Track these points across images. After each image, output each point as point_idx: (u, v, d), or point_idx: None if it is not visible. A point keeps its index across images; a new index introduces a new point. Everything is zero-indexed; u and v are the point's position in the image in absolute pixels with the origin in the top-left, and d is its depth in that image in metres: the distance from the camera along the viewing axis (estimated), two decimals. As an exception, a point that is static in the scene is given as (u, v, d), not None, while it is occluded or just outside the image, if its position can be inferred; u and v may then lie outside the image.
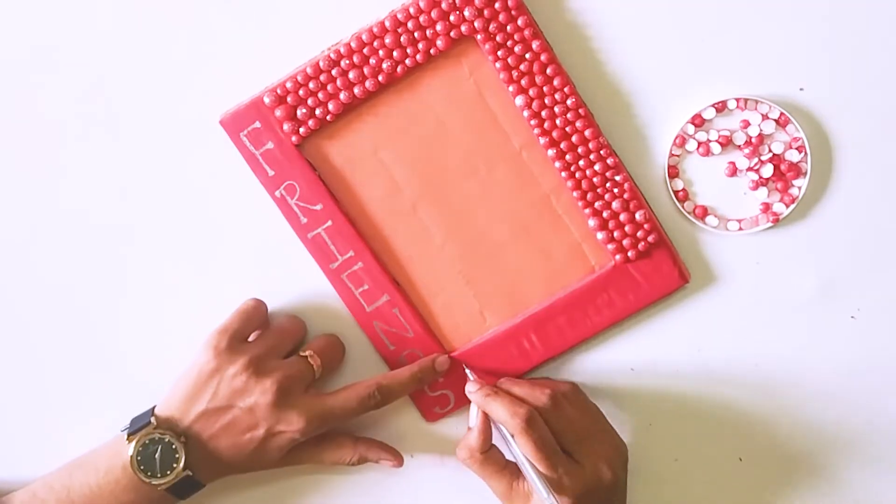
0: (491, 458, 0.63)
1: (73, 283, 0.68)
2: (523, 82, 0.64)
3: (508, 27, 0.63)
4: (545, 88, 0.64)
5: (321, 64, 0.63)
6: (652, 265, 0.66)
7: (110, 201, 0.67)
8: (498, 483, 0.63)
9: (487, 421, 0.63)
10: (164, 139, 0.66)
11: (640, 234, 0.65)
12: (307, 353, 0.65)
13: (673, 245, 0.66)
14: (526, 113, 0.64)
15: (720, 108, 0.65)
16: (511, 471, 0.63)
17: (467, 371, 0.66)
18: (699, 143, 0.65)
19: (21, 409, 0.70)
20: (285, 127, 0.64)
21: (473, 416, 0.64)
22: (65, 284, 0.68)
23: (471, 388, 0.64)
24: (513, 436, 0.61)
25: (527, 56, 0.63)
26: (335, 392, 0.64)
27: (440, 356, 0.67)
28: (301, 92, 0.64)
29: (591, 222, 0.65)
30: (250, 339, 0.66)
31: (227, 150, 0.65)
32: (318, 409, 0.63)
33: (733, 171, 0.66)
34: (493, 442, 0.64)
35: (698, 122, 0.65)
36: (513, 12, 0.62)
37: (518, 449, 0.61)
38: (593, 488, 0.61)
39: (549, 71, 0.63)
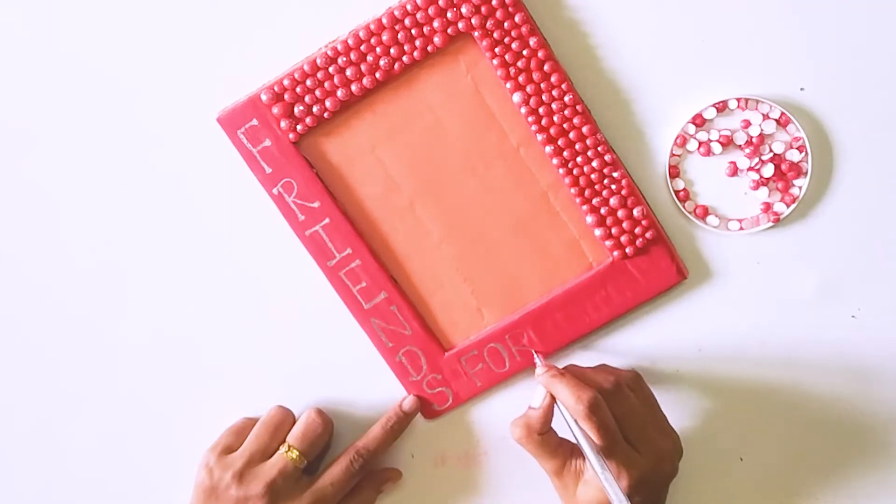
0: (547, 438, 0.62)
1: (68, 280, 0.68)
2: (520, 79, 0.64)
3: (506, 24, 0.63)
4: (542, 85, 0.64)
5: (318, 61, 0.63)
6: (649, 261, 0.66)
7: (106, 199, 0.67)
8: (551, 462, 0.62)
9: (553, 404, 0.62)
10: (161, 136, 0.66)
11: (637, 230, 0.65)
12: (285, 447, 0.66)
13: (671, 241, 0.66)
14: (523, 110, 0.64)
15: (721, 107, 0.65)
16: (564, 450, 0.62)
17: (536, 357, 0.66)
18: (700, 143, 0.65)
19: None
20: (282, 124, 0.64)
21: (539, 398, 0.63)
22: (60, 283, 0.68)
23: (539, 371, 0.63)
24: (576, 419, 0.60)
25: (524, 53, 0.63)
26: (322, 473, 0.66)
27: (405, 398, 0.68)
28: (298, 89, 0.64)
29: (589, 219, 0.65)
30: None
31: (225, 148, 0.65)
32: (310, 497, 0.65)
33: (734, 170, 0.66)
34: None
35: (699, 121, 0.65)
36: (510, 9, 0.62)
37: (579, 431, 0.60)
38: (649, 478, 0.61)
39: (546, 67, 0.63)
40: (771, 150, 0.65)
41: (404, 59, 0.63)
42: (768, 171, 0.65)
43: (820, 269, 0.67)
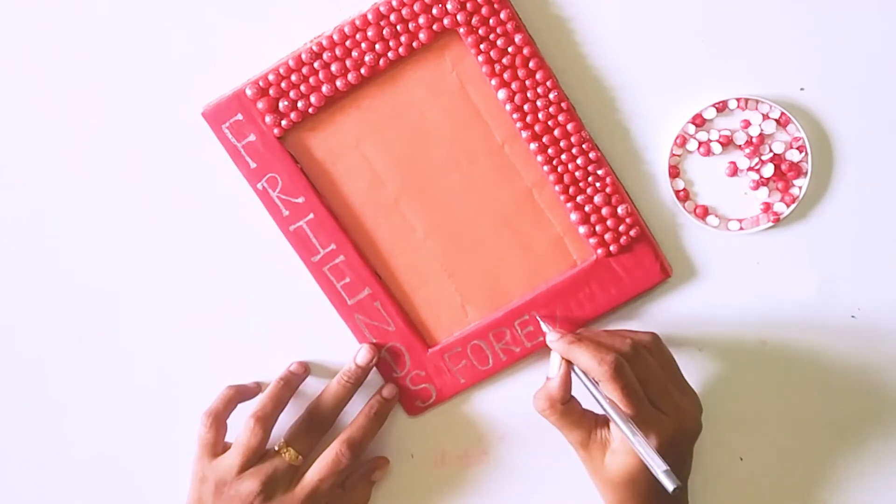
0: (570, 408, 0.61)
1: (55, 275, 0.68)
2: (506, 76, 0.64)
3: (491, 20, 0.63)
4: (527, 82, 0.64)
5: (304, 56, 0.63)
6: (634, 259, 0.66)
7: (90, 194, 0.67)
8: (576, 433, 0.62)
9: (570, 371, 0.61)
10: (145, 131, 0.66)
11: (621, 228, 0.65)
12: (280, 445, 0.65)
13: (655, 239, 0.66)
14: (508, 106, 0.64)
15: (721, 107, 0.65)
16: (588, 420, 0.62)
17: (542, 323, 0.66)
18: (700, 143, 0.65)
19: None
20: (267, 119, 0.64)
21: (554, 367, 0.62)
22: (46, 278, 0.68)
23: (552, 338, 0.63)
24: (598, 383, 0.60)
25: (509, 50, 0.63)
26: (310, 470, 0.65)
27: (385, 386, 0.68)
28: (283, 84, 0.64)
29: (573, 216, 0.65)
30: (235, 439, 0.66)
31: (209, 143, 0.65)
32: (302, 494, 0.64)
33: (734, 170, 0.66)
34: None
35: (699, 121, 0.65)
36: (495, 6, 0.63)
37: (603, 395, 0.59)
38: (676, 437, 0.60)
39: (531, 65, 0.63)
40: (771, 150, 0.65)
41: (389, 55, 0.63)
42: (768, 171, 0.65)
43: (820, 269, 0.66)
